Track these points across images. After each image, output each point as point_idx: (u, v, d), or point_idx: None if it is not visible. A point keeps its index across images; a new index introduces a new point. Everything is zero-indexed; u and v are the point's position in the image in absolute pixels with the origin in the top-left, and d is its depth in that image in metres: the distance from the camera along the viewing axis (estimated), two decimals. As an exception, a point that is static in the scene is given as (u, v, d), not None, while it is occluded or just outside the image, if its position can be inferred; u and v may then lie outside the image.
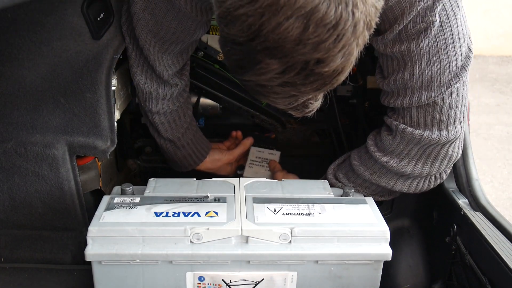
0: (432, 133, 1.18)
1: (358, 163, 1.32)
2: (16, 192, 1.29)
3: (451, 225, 1.22)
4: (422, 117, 1.18)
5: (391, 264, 1.29)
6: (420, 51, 1.09)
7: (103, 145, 1.28)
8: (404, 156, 1.23)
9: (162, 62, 1.29)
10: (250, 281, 1.11)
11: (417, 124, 1.19)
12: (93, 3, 1.21)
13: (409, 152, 1.22)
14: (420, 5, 1.04)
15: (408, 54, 1.11)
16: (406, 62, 1.12)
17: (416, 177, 1.27)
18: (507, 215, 2.75)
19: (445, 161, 1.24)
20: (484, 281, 1.07)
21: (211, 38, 1.55)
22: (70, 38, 1.22)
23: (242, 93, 1.62)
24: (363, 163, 1.31)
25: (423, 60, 1.10)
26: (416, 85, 1.13)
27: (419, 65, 1.11)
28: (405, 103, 1.17)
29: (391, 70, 1.17)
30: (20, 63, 1.22)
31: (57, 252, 1.37)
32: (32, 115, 1.26)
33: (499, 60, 5.64)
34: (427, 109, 1.17)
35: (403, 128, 1.20)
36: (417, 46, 1.09)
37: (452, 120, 1.18)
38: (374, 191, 1.33)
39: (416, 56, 1.10)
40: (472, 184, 1.27)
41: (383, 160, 1.25)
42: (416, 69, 1.12)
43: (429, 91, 1.13)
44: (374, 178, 1.29)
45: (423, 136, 1.18)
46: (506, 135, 3.85)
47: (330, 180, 1.37)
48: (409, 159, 1.23)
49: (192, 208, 1.14)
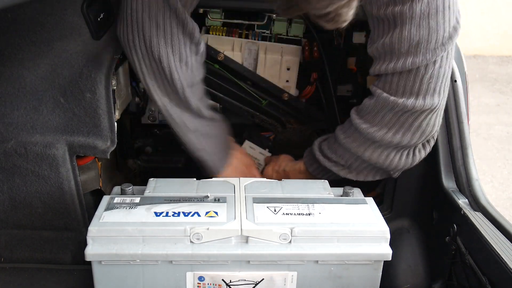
0: (407, 101, 1.19)
1: (339, 130, 1.34)
2: (16, 192, 1.29)
3: (451, 225, 1.22)
4: (401, 85, 1.19)
5: (391, 264, 1.29)
6: (413, 14, 1.11)
7: (103, 145, 1.28)
8: (377, 122, 1.24)
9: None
10: (250, 281, 1.11)
11: (395, 92, 1.20)
12: (93, 3, 1.21)
13: (382, 118, 1.23)
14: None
15: (400, 17, 1.13)
16: (396, 24, 1.14)
17: (387, 147, 1.27)
18: (507, 215, 2.75)
19: (418, 133, 1.24)
20: (484, 281, 1.07)
21: (211, 38, 1.56)
22: (70, 38, 1.22)
23: (242, 93, 1.62)
24: (343, 129, 1.33)
25: (414, 24, 1.12)
26: (403, 49, 1.15)
27: (408, 29, 1.13)
28: (390, 68, 1.18)
29: (381, 32, 1.19)
30: (20, 63, 1.22)
31: (57, 252, 1.37)
32: (32, 115, 1.26)
33: (499, 60, 5.64)
34: (408, 77, 1.18)
35: (380, 93, 1.21)
36: (410, 9, 1.11)
37: (431, 90, 1.19)
38: (352, 166, 1.34)
39: (407, 19, 1.12)
40: (472, 184, 1.27)
41: (357, 123, 1.26)
42: (405, 33, 1.13)
43: (414, 57, 1.15)
44: (348, 142, 1.30)
45: (397, 103, 1.19)
46: (506, 135, 3.85)
47: (314, 151, 1.39)
48: (382, 125, 1.24)
49: (192, 208, 1.14)
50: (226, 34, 1.56)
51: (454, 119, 1.31)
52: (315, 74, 1.62)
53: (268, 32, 1.58)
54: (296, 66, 1.59)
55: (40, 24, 1.19)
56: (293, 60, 1.58)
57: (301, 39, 1.59)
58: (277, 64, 1.58)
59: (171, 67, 1.24)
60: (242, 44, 1.57)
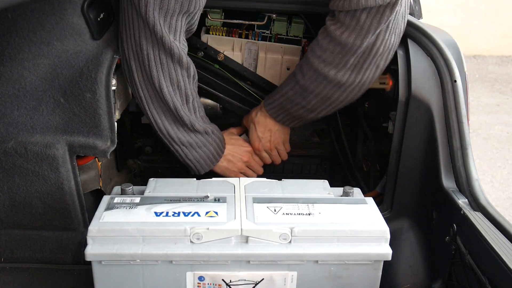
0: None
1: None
2: (16, 192, 1.29)
3: (451, 225, 1.22)
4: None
5: (391, 264, 1.29)
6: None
7: (103, 145, 1.28)
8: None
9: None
10: (250, 281, 1.11)
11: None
12: (93, 3, 1.22)
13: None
14: None
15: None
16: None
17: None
18: (507, 215, 2.76)
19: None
20: (484, 281, 1.07)
21: (211, 38, 1.56)
22: (70, 38, 1.22)
23: (242, 93, 1.62)
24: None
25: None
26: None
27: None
28: (353, 4, 1.24)
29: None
30: (20, 63, 1.22)
31: (57, 252, 1.37)
32: (32, 115, 1.26)
33: (499, 60, 5.65)
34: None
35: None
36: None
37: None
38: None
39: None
40: (472, 184, 1.27)
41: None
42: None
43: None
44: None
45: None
46: (506, 135, 3.85)
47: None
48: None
49: (192, 208, 1.14)
50: (226, 34, 1.56)
51: (454, 119, 1.31)
52: (315, 74, 1.62)
53: (268, 32, 1.58)
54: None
55: (40, 24, 1.19)
56: (293, 60, 1.58)
57: (301, 39, 1.59)
58: (277, 64, 1.58)
59: (164, 92, 1.32)
60: (242, 44, 1.57)
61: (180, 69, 1.32)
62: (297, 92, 1.43)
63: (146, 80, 1.32)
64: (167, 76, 1.31)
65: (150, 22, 1.22)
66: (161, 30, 1.23)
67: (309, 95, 1.41)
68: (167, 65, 1.30)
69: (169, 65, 1.30)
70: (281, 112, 1.50)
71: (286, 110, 1.48)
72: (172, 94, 1.34)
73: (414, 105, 1.33)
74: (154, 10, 1.21)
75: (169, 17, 1.23)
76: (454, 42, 1.45)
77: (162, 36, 1.24)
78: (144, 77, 1.31)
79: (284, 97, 1.46)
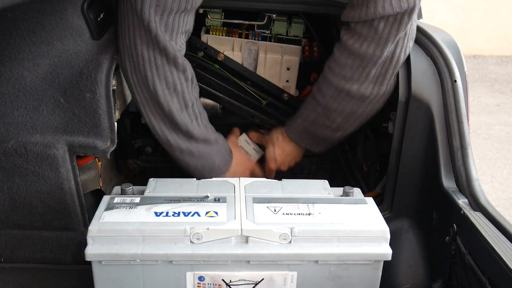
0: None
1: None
2: (16, 192, 1.29)
3: (451, 225, 1.22)
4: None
5: (391, 264, 1.29)
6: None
7: (103, 145, 1.28)
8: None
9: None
10: (250, 281, 1.11)
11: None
12: (93, 3, 1.22)
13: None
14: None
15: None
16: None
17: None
18: (507, 215, 2.75)
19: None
20: (484, 281, 1.07)
21: (211, 38, 1.56)
22: (70, 38, 1.22)
23: (242, 93, 1.62)
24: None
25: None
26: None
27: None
28: (370, 13, 1.21)
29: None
30: (20, 63, 1.22)
31: (57, 252, 1.37)
32: (32, 115, 1.26)
33: (499, 60, 5.65)
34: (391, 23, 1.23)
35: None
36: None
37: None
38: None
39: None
40: (472, 184, 1.27)
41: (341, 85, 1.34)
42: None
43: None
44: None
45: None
46: (506, 135, 3.85)
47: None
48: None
49: (192, 208, 1.14)
50: (226, 34, 1.56)
51: (454, 119, 1.31)
52: (315, 74, 1.62)
53: (268, 32, 1.58)
54: (296, 66, 1.59)
55: (40, 24, 1.19)
56: (293, 60, 1.58)
57: (301, 39, 1.59)
58: (277, 64, 1.58)
59: (159, 95, 1.28)
60: (242, 44, 1.57)
61: (176, 71, 1.28)
62: (320, 114, 1.40)
63: (140, 82, 1.27)
64: (163, 79, 1.27)
65: (145, 19, 1.19)
66: (156, 28, 1.20)
67: (333, 113, 1.38)
68: (162, 66, 1.25)
69: (164, 66, 1.25)
70: (306, 137, 1.48)
71: (310, 133, 1.46)
72: (168, 97, 1.29)
73: (414, 105, 1.33)
74: (150, 7, 1.18)
75: (165, 15, 1.20)
76: (454, 42, 1.46)
77: (157, 34, 1.20)
78: (138, 79, 1.27)
79: (307, 121, 1.44)
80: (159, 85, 1.27)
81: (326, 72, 1.37)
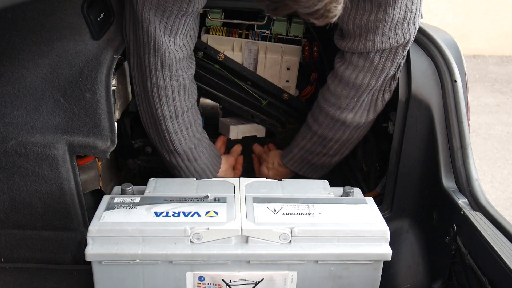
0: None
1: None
2: (16, 192, 1.29)
3: (451, 225, 1.22)
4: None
5: (391, 264, 1.29)
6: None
7: (103, 145, 1.28)
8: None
9: (169, 45, 1.26)
10: (250, 281, 1.11)
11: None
12: (93, 4, 1.22)
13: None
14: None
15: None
16: (380, 5, 1.17)
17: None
18: (507, 215, 2.75)
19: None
20: (484, 281, 1.07)
21: (211, 38, 1.56)
22: (70, 38, 1.22)
23: (242, 93, 1.62)
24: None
25: (396, 4, 1.17)
26: (386, 28, 1.20)
27: (392, 9, 1.17)
28: (368, 46, 1.23)
29: (362, 11, 1.21)
30: (20, 63, 1.22)
31: (57, 252, 1.37)
32: (32, 115, 1.26)
33: (499, 60, 5.64)
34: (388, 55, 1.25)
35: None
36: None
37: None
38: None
39: (391, 0, 1.17)
40: (472, 184, 1.27)
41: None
42: (389, 13, 1.18)
43: (394, 34, 1.21)
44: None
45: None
46: (506, 135, 3.85)
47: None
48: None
49: (192, 208, 1.14)
50: (226, 34, 1.56)
51: (454, 119, 1.31)
52: (315, 74, 1.62)
53: (268, 32, 1.58)
54: (296, 66, 1.59)
55: (40, 24, 1.19)
56: (293, 60, 1.58)
57: (301, 39, 1.59)
58: (277, 64, 1.58)
59: (149, 98, 1.30)
60: (242, 44, 1.57)
61: (169, 78, 1.28)
62: (316, 142, 1.43)
63: (140, 76, 1.30)
64: (154, 84, 1.28)
65: (145, 21, 1.19)
66: (155, 30, 1.20)
67: (329, 142, 1.41)
68: (155, 70, 1.26)
69: (157, 71, 1.26)
70: (304, 165, 1.50)
71: (308, 161, 1.48)
72: (158, 103, 1.30)
73: (414, 105, 1.33)
74: (150, 9, 1.18)
75: (165, 17, 1.20)
76: (454, 42, 1.45)
77: (155, 36, 1.21)
78: (139, 73, 1.30)
79: (303, 150, 1.46)
80: (150, 87, 1.29)
81: (321, 103, 1.38)
